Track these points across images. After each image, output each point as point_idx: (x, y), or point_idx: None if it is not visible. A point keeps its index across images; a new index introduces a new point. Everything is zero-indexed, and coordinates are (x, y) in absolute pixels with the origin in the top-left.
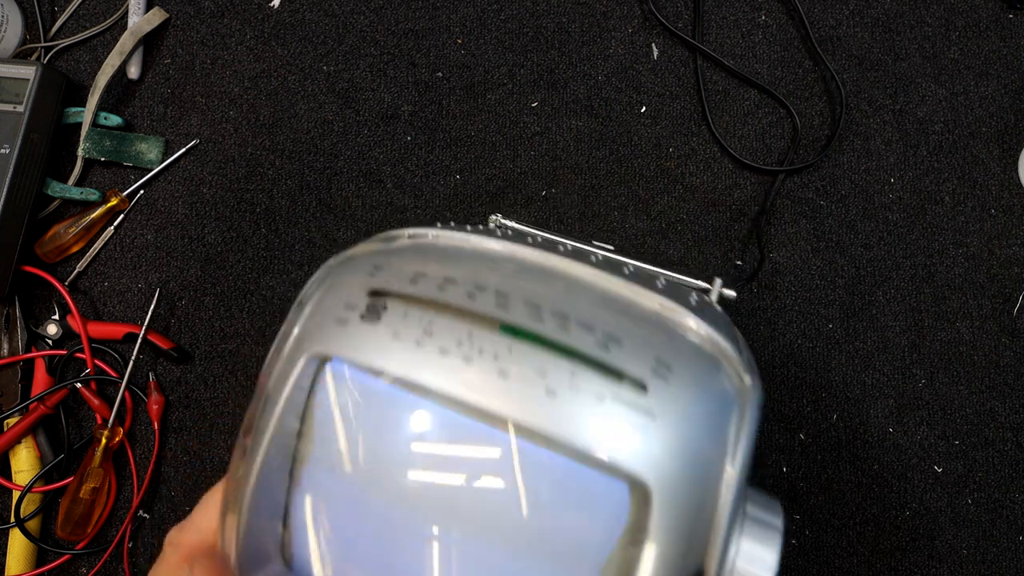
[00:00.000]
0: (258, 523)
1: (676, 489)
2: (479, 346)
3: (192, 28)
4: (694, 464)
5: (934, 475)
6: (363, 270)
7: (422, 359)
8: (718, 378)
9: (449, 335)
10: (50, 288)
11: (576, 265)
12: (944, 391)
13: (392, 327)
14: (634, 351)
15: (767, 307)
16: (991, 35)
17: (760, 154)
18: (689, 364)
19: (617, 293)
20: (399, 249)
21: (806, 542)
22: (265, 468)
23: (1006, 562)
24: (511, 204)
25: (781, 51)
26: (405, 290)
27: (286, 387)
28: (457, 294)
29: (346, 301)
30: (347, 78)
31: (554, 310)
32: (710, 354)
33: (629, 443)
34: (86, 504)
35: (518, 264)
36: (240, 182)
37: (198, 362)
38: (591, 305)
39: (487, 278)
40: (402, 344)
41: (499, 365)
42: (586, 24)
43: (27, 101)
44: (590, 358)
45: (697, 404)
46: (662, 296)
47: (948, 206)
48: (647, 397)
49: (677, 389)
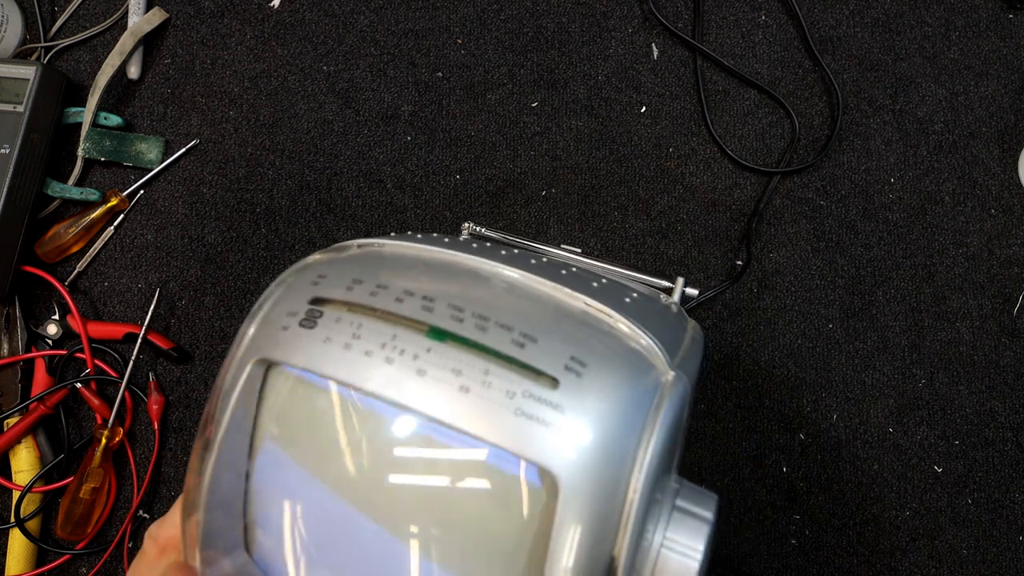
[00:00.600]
0: (218, 515)
1: (583, 477)
2: (401, 347)
3: (192, 28)
4: (602, 455)
5: (934, 475)
6: (308, 279)
7: (348, 361)
8: (635, 374)
9: (375, 338)
10: (50, 288)
11: (509, 269)
12: (944, 391)
13: (325, 332)
14: (549, 348)
15: (767, 307)
16: (991, 35)
17: (760, 154)
18: (605, 361)
19: (544, 294)
20: (346, 258)
21: (806, 542)
22: (221, 464)
23: (1006, 562)
24: (511, 204)
25: (781, 51)
26: (340, 297)
27: (236, 388)
28: (387, 299)
29: (289, 308)
30: (347, 78)
31: (476, 312)
32: (631, 350)
33: (537, 436)
34: (86, 504)
35: (453, 270)
36: (240, 182)
37: (198, 362)
38: (513, 307)
39: (417, 284)
40: (331, 347)
41: (417, 365)
42: (586, 24)
43: (27, 101)
44: (504, 356)
45: (608, 399)
46: (590, 296)
47: (948, 206)
48: (557, 392)
49: (589, 384)
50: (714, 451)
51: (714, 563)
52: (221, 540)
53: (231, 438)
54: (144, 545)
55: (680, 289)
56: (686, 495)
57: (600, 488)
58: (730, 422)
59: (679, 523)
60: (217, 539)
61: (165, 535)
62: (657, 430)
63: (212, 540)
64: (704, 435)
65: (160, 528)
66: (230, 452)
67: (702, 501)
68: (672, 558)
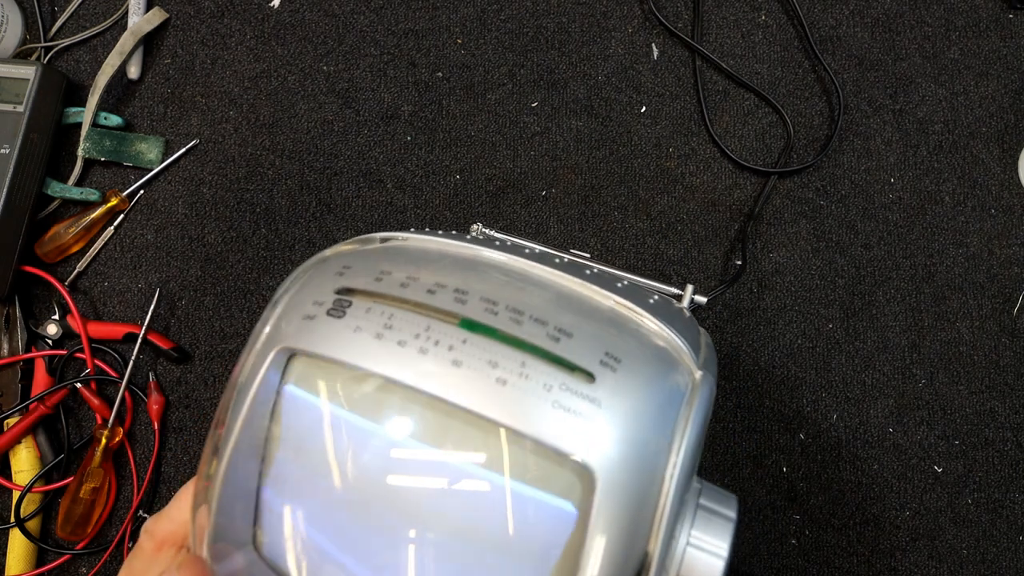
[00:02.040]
0: (229, 513)
1: (620, 473)
2: (435, 338)
3: (192, 28)
4: (638, 450)
5: (934, 475)
6: (333, 270)
7: (380, 351)
8: (667, 372)
9: (408, 328)
10: (50, 288)
11: (537, 267)
12: (944, 391)
13: (355, 321)
14: (584, 343)
15: (767, 307)
16: (991, 35)
17: (760, 154)
18: (638, 357)
19: (574, 291)
20: (369, 251)
21: (806, 542)
22: (235, 460)
23: (1006, 562)
24: (511, 204)
25: (781, 51)
26: (369, 288)
27: (256, 381)
28: (418, 291)
29: (315, 299)
30: (347, 78)
31: (509, 306)
32: (661, 348)
33: (574, 429)
34: (86, 504)
35: (481, 265)
36: (240, 182)
37: (198, 362)
38: (546, 302)
39: (448, 277)
40: (362, 337)
41: (453, 356)
42: (586, 24)
43: (27, 101)
44: (540, 350)
45: (643, 394)
46: (619, 295)
47: (948, 206)
48: (594, 386)
49: (624, 379)
50: (714, 451)
51: None
52: (232, 534)
53: (248, 430)
54: (140, 540)
55: (690, 296)
56: (708, 495)
57: (636, 483)
58: (730, 422)
59: (704, 522)
60: (228, 533)
61: (162, 530)
62: (690, 426)
63: (223, 533)
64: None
65: (157, 523)
66: (246, 443)
67: (724, 501)
68: (699, 556)
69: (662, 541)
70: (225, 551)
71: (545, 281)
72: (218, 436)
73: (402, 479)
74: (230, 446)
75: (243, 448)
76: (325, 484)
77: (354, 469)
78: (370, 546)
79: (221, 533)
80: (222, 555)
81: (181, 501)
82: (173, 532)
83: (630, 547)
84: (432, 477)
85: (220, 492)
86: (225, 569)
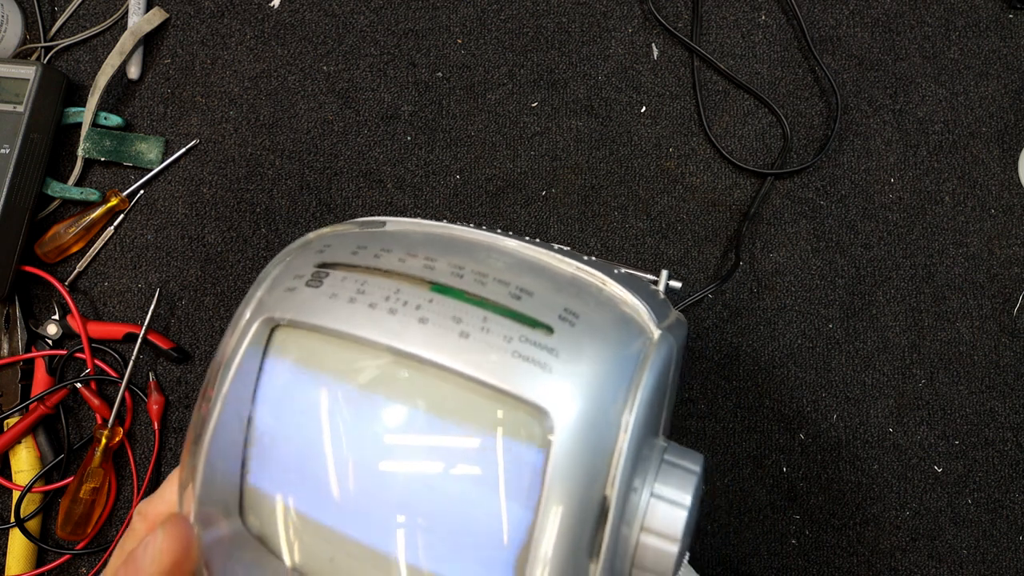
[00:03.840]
0: (214, 484)
1: (577, 418)
2: (403, 300)
3: (192, 28)
4: (595, 395)
5: (934, 475)
6: (314, 249)
7: (353, 313)
8: (625, 327)
9: (379, 292)
10: (50, 288)
11: (506, 239)
12: (944, 391)
13: (331, 289)
14: (544, 301)
15: (767, 307)
16: (991, 35)
17: (759, 154)
18: (596, 313)
19: (539, 260)
20: (349, 232)
21: (806, 542)
22: (220, 431)
23: (1006, 562)
24: (511, 204)
25: (781, 51)
26: (346, 260)
27: (239, 352)
28: (390, 260)
29: (296, 273)
30: (347, 78)
31: (475, 270)
32: (619, 308)
33: (533, 375)
34: (86, 504)
35: (453, 240)
36: (240, 182)
37: (198, 362)
38: (510, 267)
39: (419, 248)
40: (337, 302)
41: (419, 314)
42: (586, 24)
43: (27, 101)
44: (501, 307)
45: (600, 345)
46: (582, 263)
47: (948, 206)
48: (552, 338)
49: (582, 332)
50: (714, 451)
51: (714, 563)
52: (218, 501)
53: (232, 403)
54: (133, 521)
55: (664, 281)
56: (673, 452)
57: (593, 427)
58: (730, 422)
59: (668, 475)
60: (214, 500)
61: (155, 512)
62: (647, 376)
63: (209, 498)
64: (704, 435)
65: (150, 505)
66: (232, 409)
67: (689, 456)
68: (662, 507)
69: (619, 485)
70: (211, 517)
71: (512, 252)
72: (203, 411)
73: (377, 438)
74: (213, 421)
75: (227, 421)
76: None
77: (332, 433)
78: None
79: (208, 498)
80: (208, 521)
81: (173, 483)
82: (166, 513)
83: (588, 487)
84: (407, 435)
85: (204, 466)
86: (210, 536)
